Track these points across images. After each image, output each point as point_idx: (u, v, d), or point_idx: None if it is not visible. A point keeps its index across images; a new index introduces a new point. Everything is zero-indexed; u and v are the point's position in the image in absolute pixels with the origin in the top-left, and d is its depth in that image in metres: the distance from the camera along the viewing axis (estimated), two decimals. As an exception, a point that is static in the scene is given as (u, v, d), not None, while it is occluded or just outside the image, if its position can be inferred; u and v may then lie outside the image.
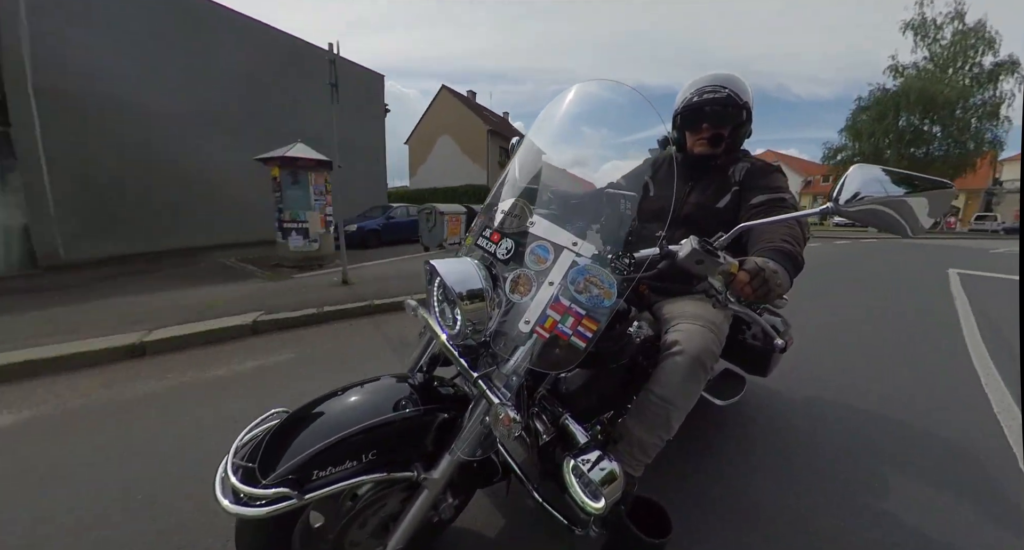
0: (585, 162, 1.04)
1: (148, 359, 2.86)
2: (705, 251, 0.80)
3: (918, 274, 7.17)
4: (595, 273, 0.83)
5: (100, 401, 2.25)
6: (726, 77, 1.29)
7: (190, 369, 2.66)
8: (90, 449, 1.78)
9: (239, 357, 2.88)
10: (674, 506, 1.16)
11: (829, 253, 10.60)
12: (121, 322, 3.37)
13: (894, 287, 5.97)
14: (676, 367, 1.09)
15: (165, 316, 3.52)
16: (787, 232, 0.98)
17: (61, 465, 1.68)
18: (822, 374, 2.66)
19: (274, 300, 4.13)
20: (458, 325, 0.85)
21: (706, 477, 1.63)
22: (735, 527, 1.39)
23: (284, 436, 0.83)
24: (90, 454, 1.75)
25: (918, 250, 11.52)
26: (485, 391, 0.82)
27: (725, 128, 1.28)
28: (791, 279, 0.89)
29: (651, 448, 1.15)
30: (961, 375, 2.77)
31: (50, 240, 6.39)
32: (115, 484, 1.55)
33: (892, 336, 3.55)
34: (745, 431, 1.97)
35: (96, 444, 1.82)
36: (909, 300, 5.00)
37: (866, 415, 2.19)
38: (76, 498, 1.48)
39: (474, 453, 0.89)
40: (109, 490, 1.52)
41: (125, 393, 2.34)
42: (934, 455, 1.86)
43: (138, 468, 1.65)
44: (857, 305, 4.69)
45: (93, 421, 2.04)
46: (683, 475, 1.63)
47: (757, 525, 1.40)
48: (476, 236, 0.97)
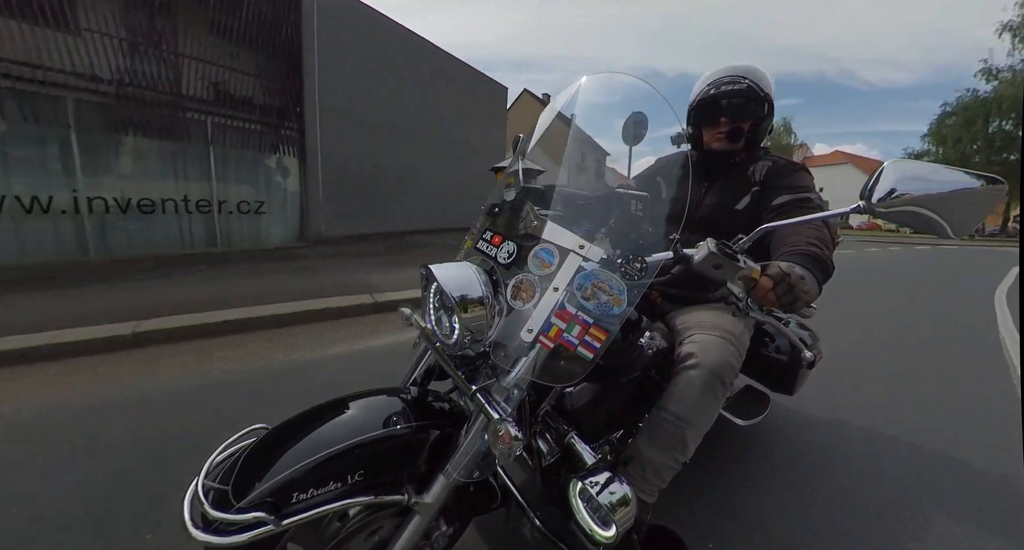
0: (594, 160, 0.98)
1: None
2: (723, 254, 0.74)
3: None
4: (603, 278, 0.77)
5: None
6: (746, 68, 1.22)
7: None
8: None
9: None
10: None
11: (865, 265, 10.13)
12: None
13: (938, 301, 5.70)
14: (691, 382, 1.01)
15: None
16: (814, 234, 0.91)
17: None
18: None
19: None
20: (455, 334, 0.79)
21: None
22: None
23: (262, 455, 0.76)
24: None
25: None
26: (484, 405, 0.75)
27: (745, 122, 1.21)
28: (820, 286, 0.81)
29: (665, 471, 1.06)
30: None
31: (316, 220, 8.28)
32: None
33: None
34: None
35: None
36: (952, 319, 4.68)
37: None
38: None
39: (471, 475, 0.82)
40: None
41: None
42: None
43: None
44: (894, 321, 4.50)
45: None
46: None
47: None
48: (476, 239, 0.91)
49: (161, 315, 3.18)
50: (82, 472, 1.58)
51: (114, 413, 2.01)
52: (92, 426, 1.89)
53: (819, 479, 1.71)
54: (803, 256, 0.84)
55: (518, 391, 0.78)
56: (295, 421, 0.83)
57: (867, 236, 26.97)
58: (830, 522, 1.48)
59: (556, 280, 0.78)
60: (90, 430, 1.86)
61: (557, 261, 0.79)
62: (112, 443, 1.77)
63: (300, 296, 3.89)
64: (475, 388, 0.78)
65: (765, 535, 1.40)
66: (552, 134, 0.92)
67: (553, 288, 0.78)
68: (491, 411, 0.74)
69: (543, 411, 0.96)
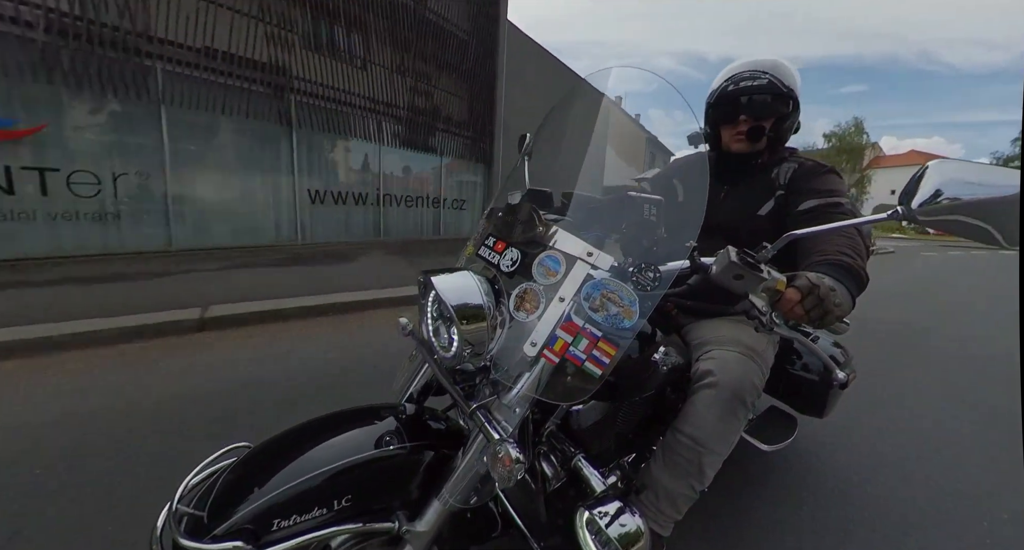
0: (605, 161, 0.93)
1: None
2: (745, 264, 0.67)
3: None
4: (614, 288, 0.71)
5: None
6: (767, 62, 1.15)
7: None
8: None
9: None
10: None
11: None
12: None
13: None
14: (709, 403, 0.93)
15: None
16: (846, 243, 0.83)
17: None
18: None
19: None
20: (454, 347, 0.73)
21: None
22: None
23: (242, 477, 0.70)
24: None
25: None
26: (483, 424, 0.69)
27: (766, 120, 1.13)
28: (853, 299, 0.74)
29: (681, 500, 0.98)
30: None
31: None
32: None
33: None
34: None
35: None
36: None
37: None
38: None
39: (468, 500, 0.75)
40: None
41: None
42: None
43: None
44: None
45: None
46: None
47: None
48: (478, 245, 0.86)
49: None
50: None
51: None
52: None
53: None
54: (834, 266, 0.77)
55: (520, 409, 0.72)
56: (279, 440, 0.78)
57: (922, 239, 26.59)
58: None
59: (562, 290, 0.72)
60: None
61: (563, 269, 0.74)
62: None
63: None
64: (474, 405, 0.72)
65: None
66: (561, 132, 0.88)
67: (559, 298, 0.72)
68: (491, 431, 0.68)
69: (548, 431, 0.89)
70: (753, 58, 1.17)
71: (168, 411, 2.00)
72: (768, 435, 1.46)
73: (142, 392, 2.17)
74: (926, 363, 3.35)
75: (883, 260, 12.33)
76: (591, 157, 0.89)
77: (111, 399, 2.09)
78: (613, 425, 0.96)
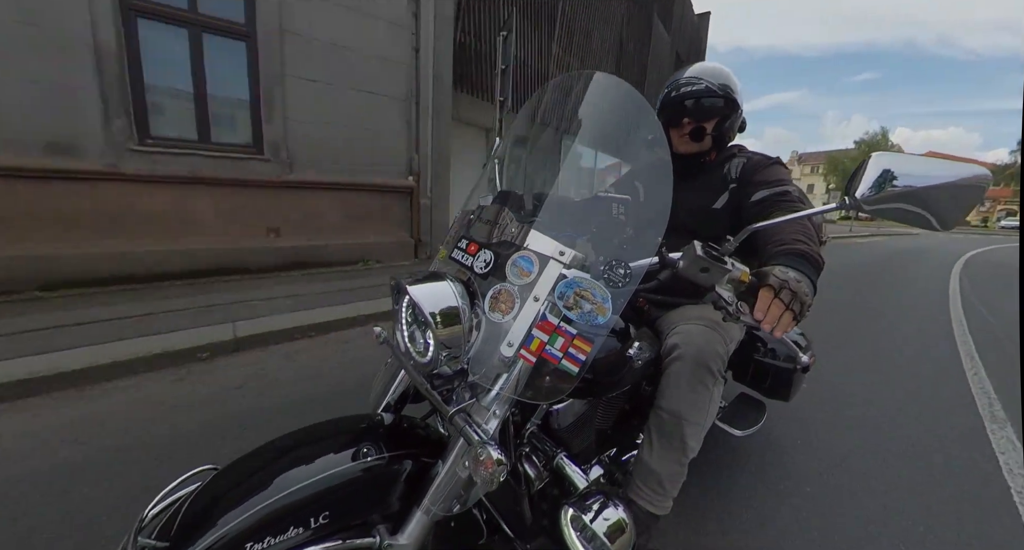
0: (573, 164, 0.95)
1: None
2: (710, 257, 0.70)
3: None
4: (587, 286, 0.72)
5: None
6: (704, 68, 1.24)
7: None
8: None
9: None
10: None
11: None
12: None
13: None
14: (678, 375, 0.97)
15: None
16: (799, 229, 0.88)
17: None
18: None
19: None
20: (430, 351, 0.72)
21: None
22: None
23: (209, 502, 0.66)
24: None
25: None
26: (463, 428, 0.68)
27: (708, 121, 1.21)
28: (814, 285, 0.78)
29: (671, 478, 1.00)
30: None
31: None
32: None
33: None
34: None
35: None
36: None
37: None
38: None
39: (451, 508, 0.74)
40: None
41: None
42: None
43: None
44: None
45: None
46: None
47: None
48: (450, 248, 0.86)
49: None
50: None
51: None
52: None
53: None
54: (793, 255, 0.82)
55: (500, 411, 0.71)
56: (248, 459, 0.74)
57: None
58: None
59: (536, 289, 0.73)
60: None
61: (537, 269, 0.74)
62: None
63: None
64: (453, 410, 0.71)
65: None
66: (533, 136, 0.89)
67: (534, 298, 0.72)
68: (471, 434, 0.67)
69: (528, 432, 0.89)
70: (694, 66, 1.26)
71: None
72: (740, 421, 1.53)
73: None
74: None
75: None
76: (562, 158, 0.91)
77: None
78: (593, 422, 0.97)
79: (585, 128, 0.96)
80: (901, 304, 5.29)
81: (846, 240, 16.11)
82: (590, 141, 0.96)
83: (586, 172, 0.99)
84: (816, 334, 2.18)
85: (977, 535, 1.47)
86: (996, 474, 1.83)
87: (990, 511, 1.59)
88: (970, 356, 3.37)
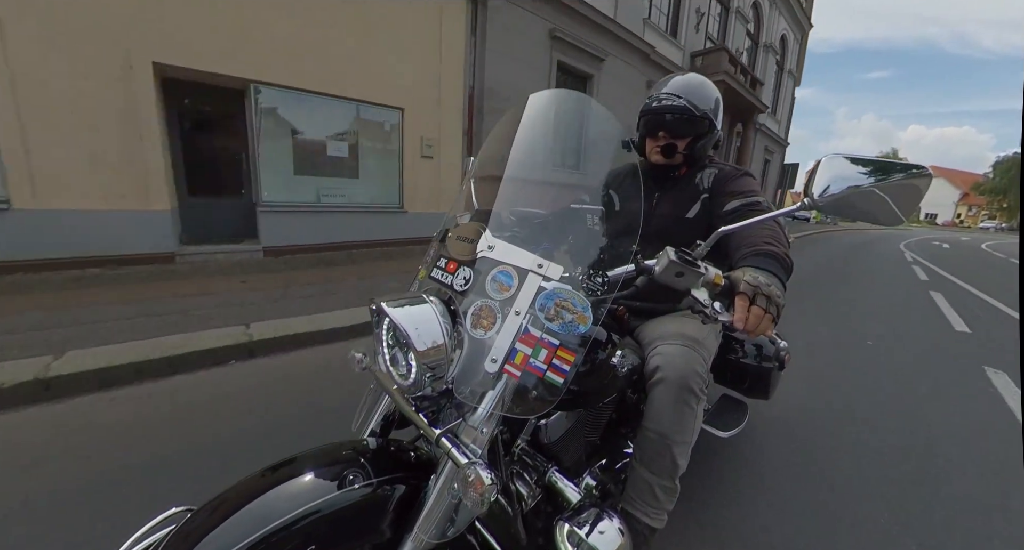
0: (545, 178, 0.97)
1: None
2: (684, 262, 0.72)
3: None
4: (566, 297, 0.73)
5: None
6: (685, 83, 1.23)
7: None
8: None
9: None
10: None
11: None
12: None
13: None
14: (663, 397, 0.98)
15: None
16: (769, 233, 0.92)
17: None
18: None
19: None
20: (413, 373, 0.71)
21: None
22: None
23: (186, 543, 0.63)
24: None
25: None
26: (450, 449, 0.67)
27: (681, 140, 1.22)
28: (784, 285, 0.81)
29: (665, 493, 1.01)
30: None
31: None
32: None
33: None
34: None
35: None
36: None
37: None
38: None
39: (444, 534, 0.72)
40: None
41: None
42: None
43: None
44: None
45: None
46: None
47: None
48: (430, 268, 0.86)
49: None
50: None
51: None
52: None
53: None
54: (762, 257, 0.85)
55: (488, 429, 0.70)
56: (226, 496, 0.70)
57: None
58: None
59: (517, 303, 0.73)
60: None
61: (516, 283, 0.75)
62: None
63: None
64: (439, 431, 0.70)
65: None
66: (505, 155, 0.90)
67: (515, 312, 0.73)
68: (458, 455, 0.66)
69: (518, 449, 0.88)
70: (678, 77, 1.25)
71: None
72: (723, 422, 1.56)
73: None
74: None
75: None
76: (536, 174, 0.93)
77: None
78: (582, 433, 0.97)
79: (556, 144, 0.98)
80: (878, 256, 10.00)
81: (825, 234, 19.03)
82: (562, 156, 0.99)
83: (559, 186, 1.02)
84: (826, 275, 6.10)
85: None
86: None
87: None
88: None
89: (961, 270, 8.97)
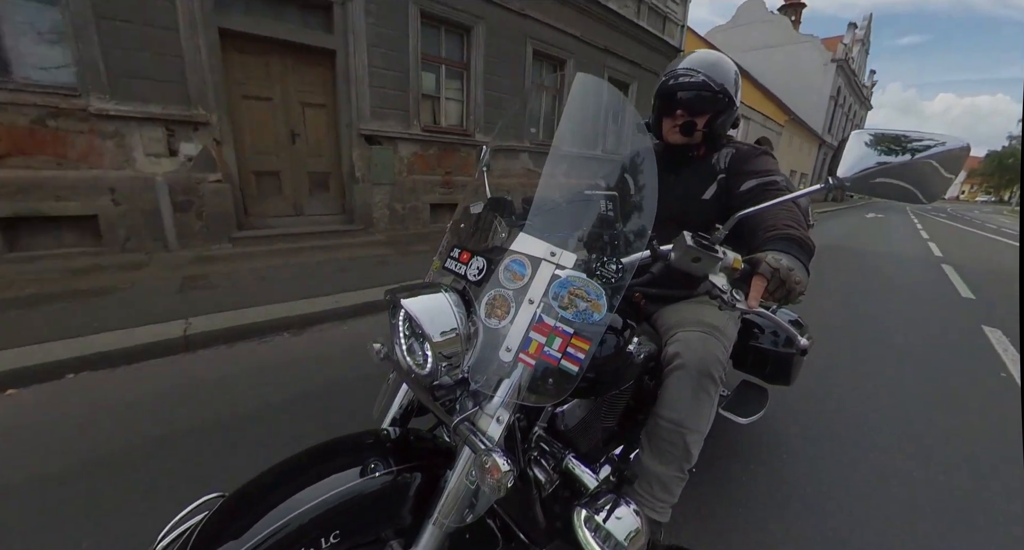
0: (559, 164, 0.95)
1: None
2: (701, 247, 0.70)
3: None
4: (580, 285, 0.72)
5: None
6: (703, 59, 1.18)
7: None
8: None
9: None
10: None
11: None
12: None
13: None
14: (681, 384, 0.96)
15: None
16: (788, 216, 0.88)
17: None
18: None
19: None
20: (429, 363, 0.72)
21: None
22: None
23: (219, 529, 0.66)
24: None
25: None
26: (468, 436, 0.68)
27: (700, 117, 1.17)
28: (807, 269, 0.78)
29: (673, 484, 1.00)
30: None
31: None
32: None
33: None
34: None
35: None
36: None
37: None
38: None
39: (463, 518, 0.73)
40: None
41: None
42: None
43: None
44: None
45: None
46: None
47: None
48: (443, 258, 0.86)
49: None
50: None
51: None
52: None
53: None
54: (784, 241, 0.82)
55: (504, 417, 0.71)
56: (255, 483, 0.73)
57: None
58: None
59: (530, 292, 0.73)
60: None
61: (529, 272, 0.74)
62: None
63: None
64: (456, 419, 0.71)
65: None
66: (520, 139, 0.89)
67: (528, 301, 0.73)
68: (476, 442, 0.67)
69: (535, 435, 0.89)
70: (695, 54, 1.20)
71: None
72: (743, 409, 1.52)
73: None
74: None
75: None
76: (551, 161, 0.91)
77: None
78: (598, 420, 0.97)
79: (568, 129, 0.96)
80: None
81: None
82: (574, 141, 0.96)
83: (572, 172, 0.99)
84: (856, 237, 8.04)
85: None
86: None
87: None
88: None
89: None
